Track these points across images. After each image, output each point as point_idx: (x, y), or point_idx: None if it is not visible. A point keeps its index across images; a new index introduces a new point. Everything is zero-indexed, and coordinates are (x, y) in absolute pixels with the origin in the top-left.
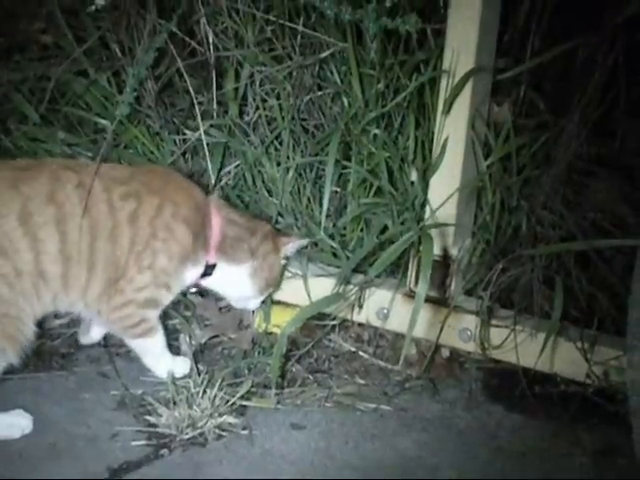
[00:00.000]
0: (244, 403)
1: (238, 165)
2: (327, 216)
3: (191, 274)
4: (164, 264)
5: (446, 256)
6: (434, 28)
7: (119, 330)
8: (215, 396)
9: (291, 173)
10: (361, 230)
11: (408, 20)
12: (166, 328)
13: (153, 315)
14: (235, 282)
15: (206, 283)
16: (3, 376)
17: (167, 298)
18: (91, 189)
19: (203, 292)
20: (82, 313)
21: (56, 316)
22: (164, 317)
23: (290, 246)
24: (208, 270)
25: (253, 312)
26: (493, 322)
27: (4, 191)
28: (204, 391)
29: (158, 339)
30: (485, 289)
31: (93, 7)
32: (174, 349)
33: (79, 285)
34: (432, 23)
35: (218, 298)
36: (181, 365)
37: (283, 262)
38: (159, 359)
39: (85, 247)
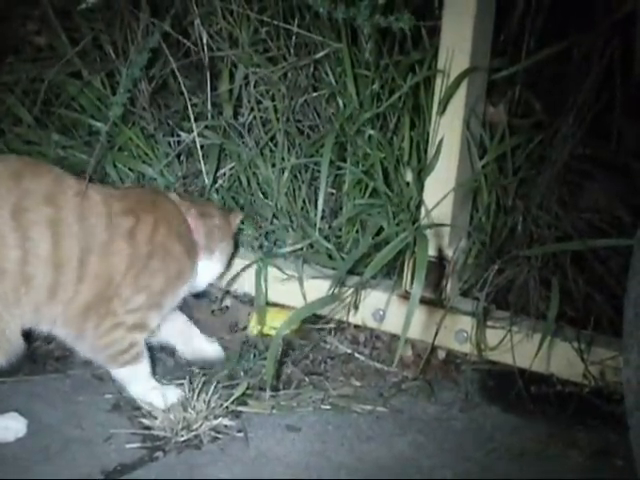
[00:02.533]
0: (240, 408)
1: (233, 167)
2: (322, 217)
3: (186, 288)
4: (161, 284)
5: (441, 257)
6: (429, 28)
7: (106, 358)
8: (210, 398)
9: (286, 174)
10: (357, 231)
11: (401, 17)
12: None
13: (141, 338)
14: (211, 272)
15: None
16: None
17: (155, 321)
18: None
19: None
20: (61, 334)
21: None
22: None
23: (239, 221)
24: None
25: (249, 314)
26: (489, 323)
27: (3, 182)
28: (199, 393)
29: (145, 364)
30: (481, 290)
31: (84, 5)
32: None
33: (66, 297)
34: (427, 23)
35: (212, 300)
36: (172, 393)
37: None
38: (147, 385)
39: (76, 257)
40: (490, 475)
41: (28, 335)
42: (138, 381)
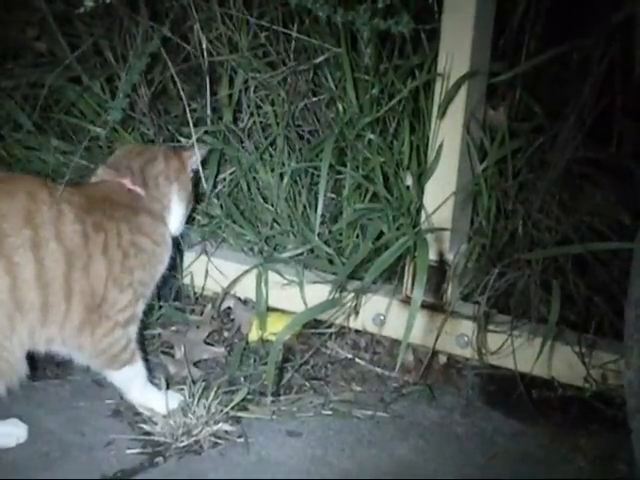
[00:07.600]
0: (240, 413)
1: (233, 172)
2: (322, 222)
3: (162, 267)
4: (141, 277)
5: (442, 261)
6: (429, 32)
7: (106, 361)
8: (210, 404)
9: (286, 179)
10: (357, 236)
11: (401, 21)
12: (159, 336)
13: (134, 331)
14: (176, 217)
15: None
16: None
17: (142, 308)
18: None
19: None
20: (60, 351)
21: None
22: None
23: (194, 159)
24: None
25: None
26: (490, 327)
27: None
28: (199, 399)
29: (141, 366)
30: (482, 294)
31: (82, 9)
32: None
33: (59, 316)
34: (426, 27)
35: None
36: (172, 398)
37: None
38: (145, 389)
39: (61, 275)
40: None
41: None
42: (135, 384)
